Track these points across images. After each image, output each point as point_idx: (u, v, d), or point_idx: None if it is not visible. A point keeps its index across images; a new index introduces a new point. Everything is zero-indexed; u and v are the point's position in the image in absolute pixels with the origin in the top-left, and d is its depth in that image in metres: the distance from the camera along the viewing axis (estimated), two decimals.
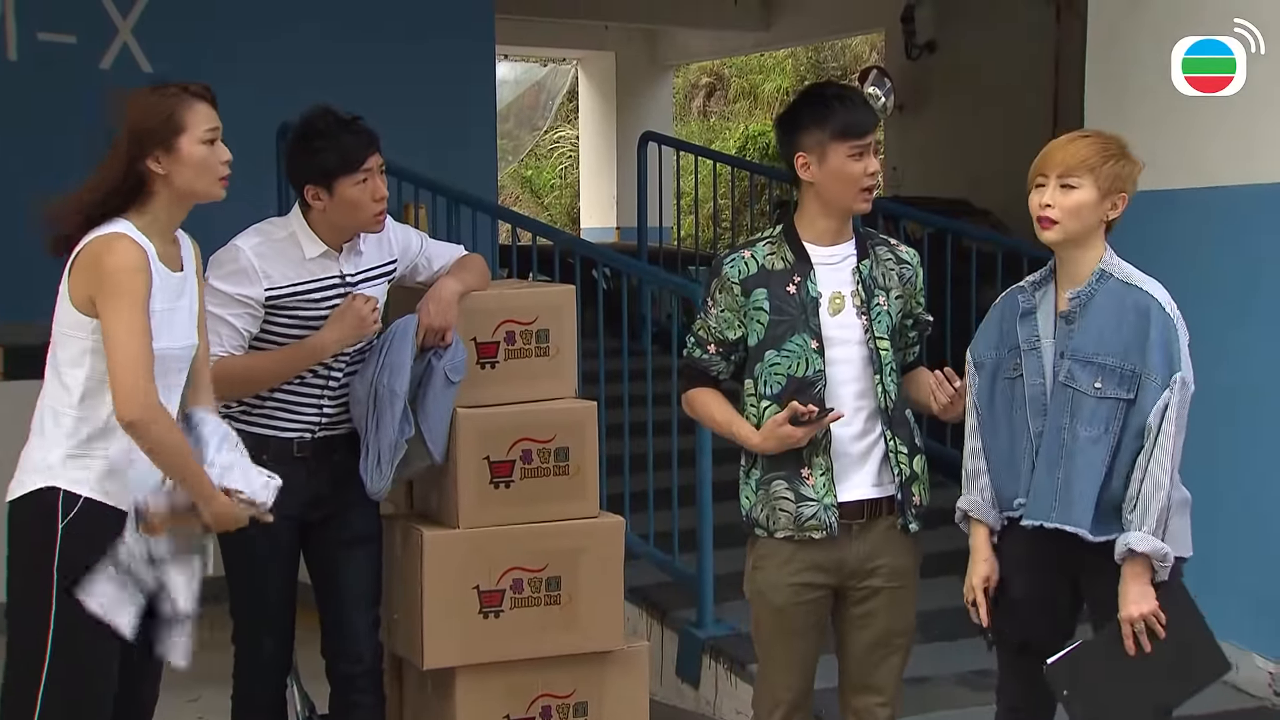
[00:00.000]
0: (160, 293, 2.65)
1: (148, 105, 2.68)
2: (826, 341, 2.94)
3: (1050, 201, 2.79)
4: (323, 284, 3.18)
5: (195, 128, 2.67)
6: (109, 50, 6.46)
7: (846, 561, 2.97)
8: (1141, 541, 2.69)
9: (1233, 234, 4.32)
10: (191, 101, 2.69)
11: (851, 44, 17.38)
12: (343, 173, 3.09)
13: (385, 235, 3.31)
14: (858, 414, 2.95)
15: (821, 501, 2.92)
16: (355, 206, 3.12)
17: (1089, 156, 2.78)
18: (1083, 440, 2.75)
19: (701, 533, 4.49)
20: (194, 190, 2.70)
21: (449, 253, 3.45)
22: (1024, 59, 10.07)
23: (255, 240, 3.16)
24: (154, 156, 2.64)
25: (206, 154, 2.68)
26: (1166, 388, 2.71)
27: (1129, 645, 2.72)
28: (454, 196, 5.65)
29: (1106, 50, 4.76)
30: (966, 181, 10.28)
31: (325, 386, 3.22)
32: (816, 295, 2.95)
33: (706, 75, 19.56)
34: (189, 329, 2.77)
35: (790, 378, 2.93)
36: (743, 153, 16.83)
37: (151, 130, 2.64)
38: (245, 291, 3.10)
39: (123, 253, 2.59)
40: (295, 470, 3.11)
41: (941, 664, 4.15)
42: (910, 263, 3.06)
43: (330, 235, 3.18)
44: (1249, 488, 4.26)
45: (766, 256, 2.99)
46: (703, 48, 14.82)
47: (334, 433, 3.24)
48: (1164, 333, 2.73)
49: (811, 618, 3.01)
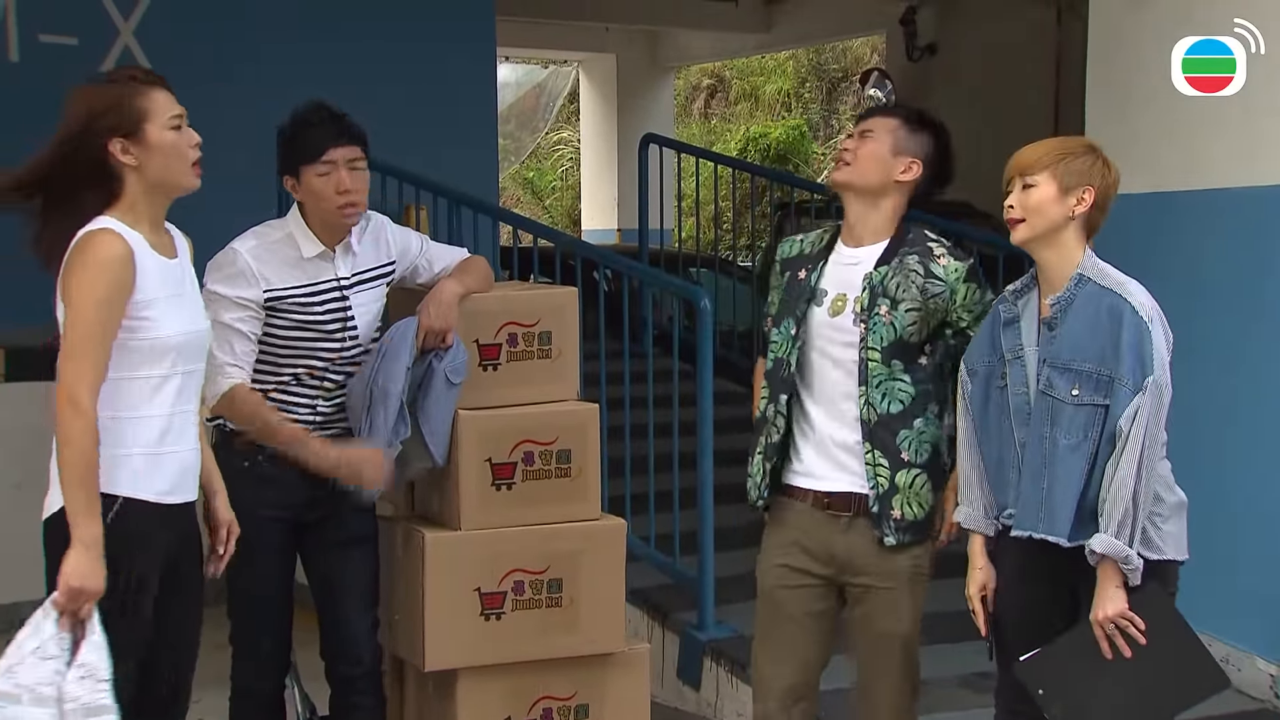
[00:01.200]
0: (160, 281, 2.63)
1: (99, 94, 2.62)
2: (811, 336, 2.96)
3: (1013, 202, 2.80)
4: (318, 288, 3.19)
5: (159, 114, 2.62)
6: (110, 52, 6.45)
7: (836, 554, 2.98)
8: (1101, 543, 2.68)
9: (1234, 236, 4.32)
10: (146, 89, 2.64)
11: (852, 46, 17.38)
12: (304, 161, 3.12)
13: (383, 237, 3.31)
14: (846, 414, 2.96)
15: (753, 478, 3.06)
16: (318, 197, 3.13)
17: (1044, 155, 2.80)
18: (1062, 448, 2.74)
19: (702, 535, 4.48)
20: (166, 178, 2.65)
21: (451, 255, 3.44)
22: (1025, 61, 10.06)
23: (252, 243, 3.16)
24: (121, 147, 2.60)
25: (176, 139, 2.63)
26: (1138, 391, 2.68)
27: (1105, 648, 2.71)
28: (455, 198, 5.65)
29: (1107, 52, 4.76)
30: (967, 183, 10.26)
31: (320, 387, 3.22)
32: (814, 288, 2.98)
33: (707, 77, 19.57)
34: (198, 314, 2.76)
35: (775, 360, 3.03)
36: (744, 155, 16.83)
37: (107, 119, 2.58)
38: (244, 294, 3.11)
39: (101, 245, 2.55)
40: (290, 471, 3.13)
41: (944, 666, 4.14)
42: (943, 279, 2.95)
43: (323, 232, 3.18)
44: (1250, 489, 4.26)
45: (811, 242, 3.09)
46: (704, 49, 14.80)
47: (330, 433, 3.23)
48: (1135, 335, 2.70)
49: (802, 605, 3.02)
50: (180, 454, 2.70)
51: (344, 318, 3.22)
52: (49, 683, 2.48)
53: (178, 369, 2.66)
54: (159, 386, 2.63)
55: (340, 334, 3.22)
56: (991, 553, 2.92)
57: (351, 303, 3.23)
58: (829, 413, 2.98)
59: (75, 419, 2.49)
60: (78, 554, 2.47)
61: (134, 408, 2.61)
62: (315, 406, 3.23)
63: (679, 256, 8.07)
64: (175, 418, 2.66)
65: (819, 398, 2.98)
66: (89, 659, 2.51)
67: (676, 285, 5.37)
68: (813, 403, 2.99)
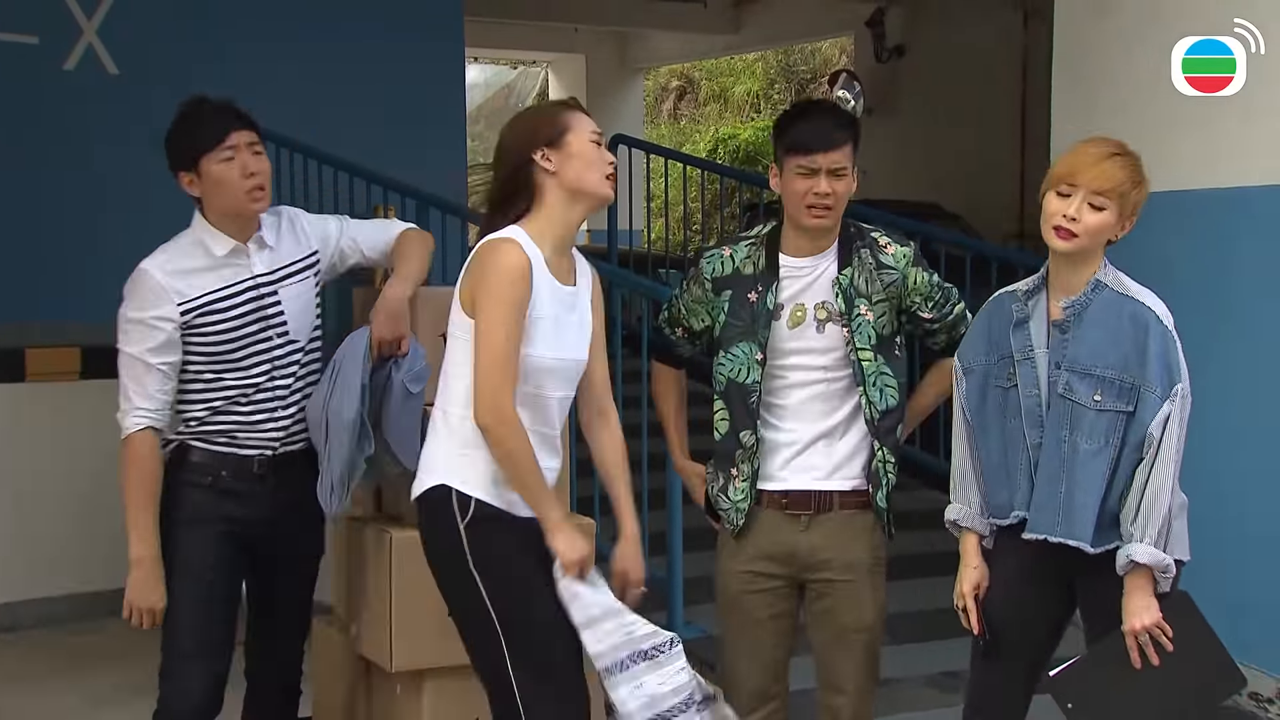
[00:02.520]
0: (548, 301, 2.72)
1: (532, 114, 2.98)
2: (777, 353, 2.97)
3: (1076, 215, 2.73)
4: (235, 288, 3.06)
5: (582, 128, 2.80)
6: (73, 51, 6.41)
7: (797, 553, 2.99)
8: (1144, 553, 2.66)
9: (1201, 237, 4.36)
10: (574, 111, 2.85)
11: (821, 47, 17.43)
12: (204, 150, 2.99)
13: (299, 227, 3.19)
14: (818, 415, 2.97)
15: (735, 504, 3.02)
16: (224, 184, 2.99)
17: (1123, 181, 2.75)
18: (1084, 453, 2.73)
19: (671, 536, 4.49)
20: (584, 185, 2.77)
21: (380, 233, 3.30)
22: (992, 63, 10.13)
23: (160, 258, 3.05)
24: (543, 155, 2.76)
25: (594, 148, 2.80)
26: (1167, 399, 2.69)
27: (1135, 658, 2.69)
28: (424, 199, 5.63)
29: (1073, 55, 4.80)
30: (935, 185, 10.32)
31: (276, 396, 3.11)
32: (772, 308, 2.97)
33: (677, 78, 19.59)
34: (579, 344, 2.84)
35: (730, 381, 3.00)
36: (713, 156, 16.85)
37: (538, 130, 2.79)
38: (158, 312, 2.99)
39: (505, 256, 2.68)
40: (253, 487, 3.09)
41: (909, 666, 4.16)
42: (894, 267, 2.98)
43: (229, 227, 3.05)
44: (1217, 490, 4.28)
45: (743, 259, 3.02)
46: (673, 50, 14.83)
47: (293, 448, 3.16)
48: (1163, 344, 2.71)
49: (768, 608, 3.03)
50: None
51: (266, 316, 3.08)
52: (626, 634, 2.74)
53: (542, 391, 2.76)
54: (521, 402, 2.71)
55: (266, 334, 3.08)
56: (986, 551, 2.92)
57: (281, 297, 3.10)
58: (793, 416, 2.98)
59: (509, 434, 2.66)
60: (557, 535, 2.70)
61: None
62: (276, 418, 3.12)
63: (648, 257, 8.08)
64: (532, 435, 2.72)
65: (784, 406, 2.99)
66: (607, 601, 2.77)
67: (646, 286, 5.37)
68: (775, 415, 3.00)
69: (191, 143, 3.01)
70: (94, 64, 6.43)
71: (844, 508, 2.99)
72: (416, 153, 6.73)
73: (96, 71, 6.43)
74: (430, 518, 2.80)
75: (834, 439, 2.99)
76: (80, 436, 3.85)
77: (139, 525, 2.99)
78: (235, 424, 3.09)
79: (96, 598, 5.16)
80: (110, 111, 6.32)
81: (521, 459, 2.69)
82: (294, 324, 3.13)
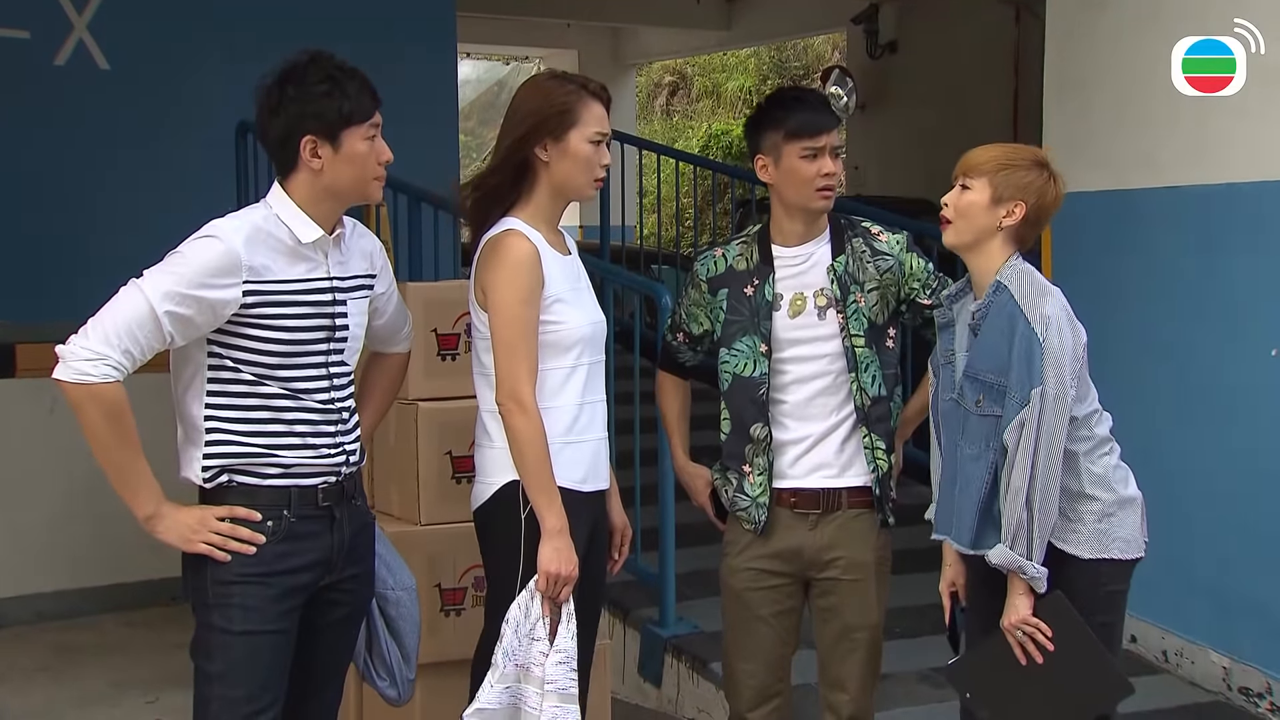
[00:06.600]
0: (561, 277, 2.77)
1: (548, 91, 2.79)
2: (780, 344, 2.97)
3: (947, 200, 2.80)
4: (312, 284, 2.59)
5: (587, 126, 2.76)
6: (64, 46, 6.39)
7: (804, 551, 2.99)
8: (996, 555, 2.69)
9: (1188, 234, 4.36)
10: (589, 100, 2.77)
11: (814, 43, 17.42)
12: (354, 120, 2.58)
13: (369, 246, 2.79)
14: (824, 412, 2.97)
15: (755, 500, 3.00)
16: (361, 166, 2.60)
17: (987, 160, 2.78)
18: (965, 457, 2.76)
19: (664, 532, 4.49)
20: (569, 186, 2.79)
21: (399, 320, 2.95)
22: (984, 59, 10.12)
23: (238, 222, 2.55)
24: (542, 145, 2.75)
25: (591, 152, 2.77)
26: (1024, 404, 2.64)
27: (1018, 654, 2.72)
28: (415, 195, 5.62)
29: (1065, 51, 4.80)
30: (928, 181, 10.29)
31: (330, 403, 2.64)
32: (771, 299, 2.97)
33: (669, 74, 19.56)
34: (595, 307, 2.88)
35: (736, 377, 3.00)
36: (706, 152, 16.84)
37: (547, 120, 2.75)
38: (218, 285, 2.47)
39: (514, 248, 2.72)
40: (317, 525, 2.61)
41: (904, 661, 4.16)
42: (889, 253, 3.02)
43: (321, 214, 2.61)
44: (1202, 484, 4.30)
45: (736, 256, 3.04)
46: (665, 46, 14.80)
47: (353, 470, 2.71)
48: (1026, 347, 2.65)
49: (773, 605, 3.03)
50: (591, 442, 2.82)
51: (332, 326, 2.63)
52: (537, 663, 2.66)
53: (583, 360, 2.80)
54: (567, 378, 2.77)
55: (325, 343, 2.63)
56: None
57: (348, 309, 2.67)
58: (799, 415, 2.99)
59: (525, 421, 2.66)
60: (548, 542, 2.65)
61: (547, 399, 2.73)
62: (335, 435, 2.65)
63: (640, 253, 8.07)
64: (585, 407, 2.80)
65: (790, 404, 2.99)
66: (566, 645, 2.67)
67: (638, 282, 5.37)
68: (783, 410, 3.00)
69: (335, 108, 2.56)
70: (85, 59, 6.40)
71: (851, 506, 3.00)
72: (408, 149, 6.70)
73: (87, 67, 6.41)
74: (493, 515, 2.80)
75: (841, 435, 2.99)
76: (70, 432, 3.79)
77: (143, 476, 2.52)
78: (299, 443, 2.60)
79: (86, 594, 5.16)
80: (101, 106, 6.32)
81: (531, 448, 2.69)
82: (352, 343, 2.70)
